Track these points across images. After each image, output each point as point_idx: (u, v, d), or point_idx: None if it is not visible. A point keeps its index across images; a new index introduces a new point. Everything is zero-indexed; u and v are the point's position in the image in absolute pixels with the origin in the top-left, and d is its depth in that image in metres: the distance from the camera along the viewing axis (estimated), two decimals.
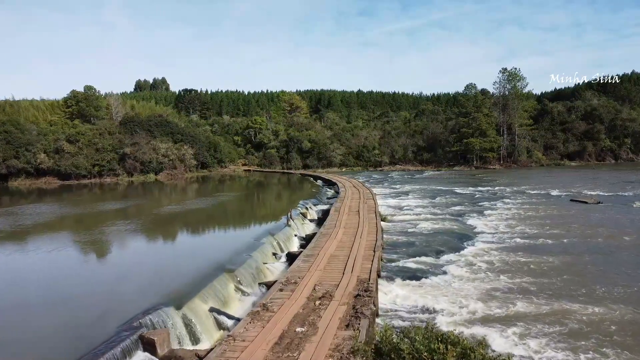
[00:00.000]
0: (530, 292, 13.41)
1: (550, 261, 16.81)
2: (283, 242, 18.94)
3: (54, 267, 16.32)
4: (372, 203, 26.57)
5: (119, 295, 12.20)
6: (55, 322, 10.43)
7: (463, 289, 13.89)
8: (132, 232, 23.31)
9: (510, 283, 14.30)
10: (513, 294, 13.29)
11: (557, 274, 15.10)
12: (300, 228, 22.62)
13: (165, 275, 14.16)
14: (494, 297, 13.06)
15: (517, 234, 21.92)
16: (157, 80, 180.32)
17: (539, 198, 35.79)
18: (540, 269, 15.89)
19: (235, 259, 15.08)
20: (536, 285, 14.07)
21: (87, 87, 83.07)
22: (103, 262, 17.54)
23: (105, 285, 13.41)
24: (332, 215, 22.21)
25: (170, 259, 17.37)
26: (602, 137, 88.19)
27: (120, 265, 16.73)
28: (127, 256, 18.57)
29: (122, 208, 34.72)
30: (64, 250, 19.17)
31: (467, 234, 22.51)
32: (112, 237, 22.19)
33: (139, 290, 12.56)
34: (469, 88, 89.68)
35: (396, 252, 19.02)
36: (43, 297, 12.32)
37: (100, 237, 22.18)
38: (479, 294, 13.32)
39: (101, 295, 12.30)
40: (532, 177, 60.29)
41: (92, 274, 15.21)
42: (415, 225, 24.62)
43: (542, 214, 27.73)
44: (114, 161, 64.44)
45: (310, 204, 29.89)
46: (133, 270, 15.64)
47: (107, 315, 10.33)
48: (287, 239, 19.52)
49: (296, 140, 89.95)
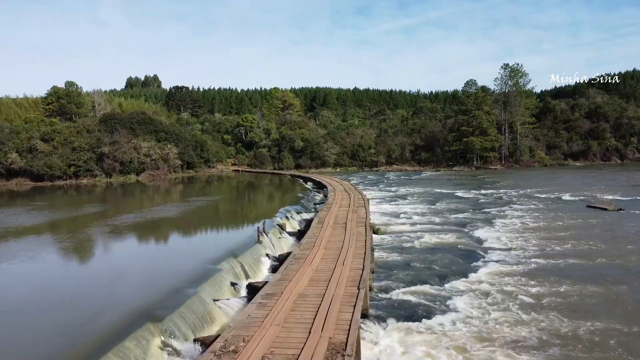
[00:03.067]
0: (567, 340, 9.69)
1: (584, 292, 13.09)
2: (249, 266, 15.15)
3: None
4: (363, 212, 22.82)
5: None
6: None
7: (479, 336, 10.21)
8: (40, 257, 17.76)
9: (540, 330, 10.54)
10: (547, 348, 9.55)
11: (596, 312, 11.37)
12: (276, 244, 18.85)
13: (61, 330, 9.88)
14: (523, 349, 9.34)
15: (535, 251, 18.23)
16: (148, 77, 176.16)
17: (551, 204, 32.14)
18: (573, 304, 12.16)
19: (173, 299, 11.24)
20: (572, 330, 10.32)
21: (68, 82, 78.99)
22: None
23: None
24: (313, 229, 18.44)
25: (79, 303, 11.65)
26: (608, 136, 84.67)
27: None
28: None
29: (64, 218, 29.38)
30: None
31: (475, 250, 18.82)
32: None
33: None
34: (469, 84, 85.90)
35: (390, 276, 15.30)
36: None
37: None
38: (502, 346, 9.61)
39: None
40: (537, 179, 56.69)
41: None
42: (413, 239, 20.90)
43: (558, 224, 24.04)
44: (91, 161, 60.21)
45: (293, 211, 26.07)
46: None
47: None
48: (255, 262, 15.73)
49: (288, 139, 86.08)
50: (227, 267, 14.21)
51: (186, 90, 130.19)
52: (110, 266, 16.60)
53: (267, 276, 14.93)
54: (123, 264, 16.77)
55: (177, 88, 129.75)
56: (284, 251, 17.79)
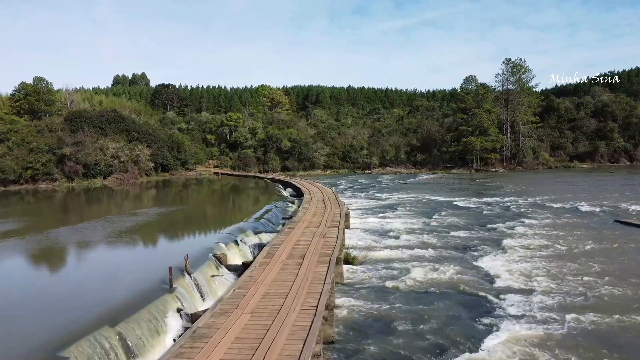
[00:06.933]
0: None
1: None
2: (137, 341, 9.62)
3: None
4: (334, 235, 17.32)
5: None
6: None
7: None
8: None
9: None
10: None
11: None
12: (205, 288, 13.39)
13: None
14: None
15: (566, 296, 12.90)
16: (136, 75, 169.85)
17: (569, 217, 26.78)
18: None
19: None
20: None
21: (36, 78, 73.09)
22: None
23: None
24: (252, 269, 12.90)
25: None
26: (616, 136, 79.39)
27: None
28: None
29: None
30: None
31: (483, 294, 13.44)
32: None
33: None
34: (468, 81, 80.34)
35: (358, 352, 9.91)
36: None
37: None
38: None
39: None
40: (544, 183, 51.39)
41: None
42: (399, 275, 15.49)
43: (588, 249, 18.68)
44: (51, 163, 54.41)
45: (250, 230, 20.50)
46: None
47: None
48: (150, 330, 10.18)
49: (275, 139, 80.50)
50: (87, 352, 8.65)
51: (172, 88, 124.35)
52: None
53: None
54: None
55: (163, 86, 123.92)
56: (214, 300, 12.37)
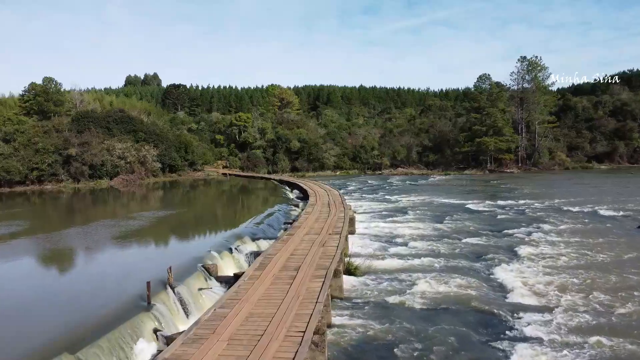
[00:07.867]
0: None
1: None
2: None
3: None
4: (335, 244, 16.04)
5: None
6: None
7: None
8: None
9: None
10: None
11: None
12: (190, 304, 12.24)
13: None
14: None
15: (591, 317, 11.46)
16: (148, 75, 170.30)
17: (589, 222, 25.18)
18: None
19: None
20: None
21: (45, 79, 73.03)
22: None
23: None
24: (239, 284, 11.69)
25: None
26: (636, 136, 76.84)
27: None
28: None
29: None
30: None
31: (498, 312, 12.11)
32: None
33: None
34: (482, 79, 78.39)
35: None
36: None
37: None
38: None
39: None
40: (561, 186, 49.48)
41: None
42: (405, 287, 14.20)
43: (611, 259, 17.20)
44: (57, 164, 53.92)
45: (247, 237, 19.32)
46: None
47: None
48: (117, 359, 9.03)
49: (284, 139, 79.41)
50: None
51: (183, 88, 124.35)
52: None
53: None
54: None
55: (174, 86, 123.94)
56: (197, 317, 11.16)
